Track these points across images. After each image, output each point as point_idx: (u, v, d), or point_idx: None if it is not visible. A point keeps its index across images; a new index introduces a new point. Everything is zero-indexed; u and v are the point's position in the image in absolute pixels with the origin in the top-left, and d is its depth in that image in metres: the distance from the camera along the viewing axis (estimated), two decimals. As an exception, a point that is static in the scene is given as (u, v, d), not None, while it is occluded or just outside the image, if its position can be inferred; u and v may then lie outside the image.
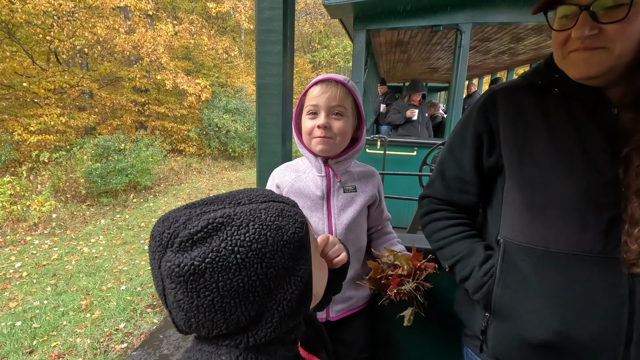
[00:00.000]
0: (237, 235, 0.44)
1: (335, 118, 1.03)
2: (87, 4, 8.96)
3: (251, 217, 0.46)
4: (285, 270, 0.47)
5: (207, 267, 0.42)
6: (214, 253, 0.42)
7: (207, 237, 0.43)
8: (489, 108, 0.85)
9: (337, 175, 1.08)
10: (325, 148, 1.03)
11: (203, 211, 0.47)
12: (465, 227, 0.92)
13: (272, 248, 0.46)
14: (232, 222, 0.45)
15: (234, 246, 0.43)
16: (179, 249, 0.43)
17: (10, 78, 8.05)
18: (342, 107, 1.03)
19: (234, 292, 0.43)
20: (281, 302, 0.47)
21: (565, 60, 0.74)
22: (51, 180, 6.87)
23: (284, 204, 0.52)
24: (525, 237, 0.76)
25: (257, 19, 1.07)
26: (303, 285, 0.49)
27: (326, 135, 1.01)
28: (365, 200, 1.10)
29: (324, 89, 1.02)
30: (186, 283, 0.42)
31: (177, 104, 11.32)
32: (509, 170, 0.80)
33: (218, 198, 0.51)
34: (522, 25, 3.74)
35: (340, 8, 3.20)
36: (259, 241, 0.45)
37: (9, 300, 3.84)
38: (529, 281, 0.76)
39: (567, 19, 0.71)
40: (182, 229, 0.44)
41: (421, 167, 2.58)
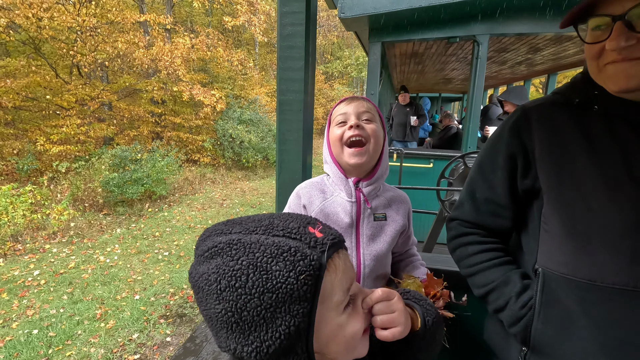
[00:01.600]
0: (225, 266, 0.44)
1: (366, 122, 0.99)
2: (109, 20, 9.32)
3: (247, 251, 0.45)
4: (261, 318, 0.43)
5: (200, 285, 0.46)
6: (206, 275, 0.45)
7: (210, 258, 0.46)
8: (523, 127, 0.79)
9: (368, 201, 1.00)
10: (360, 159, 0.96)
11: (222, 231, 0.49)
12: (498, 253, 0.86)
13: (249, 291, 0.43)
14: (230, 251, 0.45)
15: (218, 275, 0.44)
16: (196, 260, 0.48)
17: (35, 91, 8.37)
18: (371, 113, 1.00)
19: (215, 318, 0.45)
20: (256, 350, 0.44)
21: (601, 73, 0.69)
22: (70, 189, 7.04)
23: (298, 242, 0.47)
24: (568, 268, 0.69)
25: (279, 35, 1.06)
26: (285, 342, 0.44)
27: (360, 134, 0.95)
28: (395, 231, 1.03)
29: (350, 101, 1.02)
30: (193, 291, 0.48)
31: (192, 115, 11.54)
32: (546, 195, 0.74)
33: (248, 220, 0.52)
34: (540, 36, 3.68)
35: (355, 21, 3.21)
36: (239, 279, 0.43)
37: (27, 308, 3.91)
38: (573, 317, 0.69)
39: (601, 30, 0.66)
40: (201, 244, 0.49)
41: (439, 180, 2.53)
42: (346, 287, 0.52)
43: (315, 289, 0.45)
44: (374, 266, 1.00)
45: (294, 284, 0.44)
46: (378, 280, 1.04)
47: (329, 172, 1.04)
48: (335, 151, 1.01)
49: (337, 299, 0.50)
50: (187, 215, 7.43)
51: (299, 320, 0.44)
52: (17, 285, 4.37)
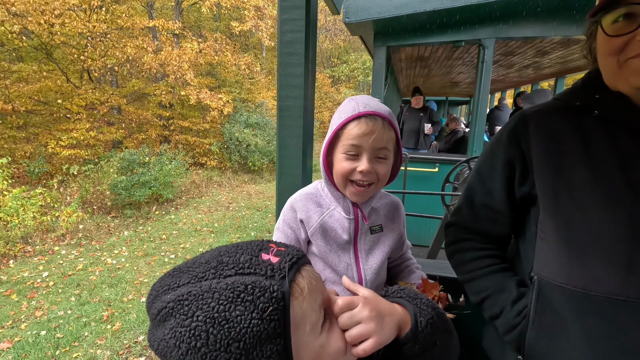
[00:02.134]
0: (180, 327, 0.41)
1: (379, 161, 0.88)
2: (119, 26, 9.48)
3: (199, 304, 0.41)
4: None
5: (162, 352, 0.42)
6: (164, 342, 0.41)
7: (164, 321, 0.42)
8: (520, 133, 0.78)
9: (366, 218, 0.97)
10: (362, 199, 0.92)
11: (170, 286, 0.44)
12: (495, 260, 0.85)
13: (214, 347, 0.39)
14: (181, 308, 0.42)
15: (176, 340, 0.41)
16: (152, 323, 0.44)
17: (47, 95, 8.54)
18: (387, 149, 0.88)
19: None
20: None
21: (622, 69, 0.65)
22: (79, 192, 7.15)
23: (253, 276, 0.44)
24: (562, 276, 0.68)
25: (279, 41, 1.07)
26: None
27: (368, 180, 0.88)
28: (392, 241, 1.01)
29: (369, 128, 0.84)
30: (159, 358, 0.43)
31: (200, 119, 11.65)
32: (543, 202, 0.73)
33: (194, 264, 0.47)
34: (547, 39, 3.65)
35: (360, 25, 3.22)
36: (199, 338, 0.40)
37: (36, 309, 3.96)
38: (567, 326, 0.68)
39: (626, 20, 0.62)
40: (151, 307, 0.44)
41: (444, 185, 2.51)
42: (318, 305, 0.48)
43: (284, 321, 0.42)
44: (374, 281, 0.99)
45: (259, 325, 0.41)
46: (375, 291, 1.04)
47: (326, 186, 0.99)
48: (337, 180, 0.93)
49: (310, 322, 0.46)
50: (194, 218, 7.48)
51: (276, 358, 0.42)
52: (27, 286, 4.44)
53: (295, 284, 0.46)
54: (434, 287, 0.94)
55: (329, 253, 0.97)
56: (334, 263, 0.97)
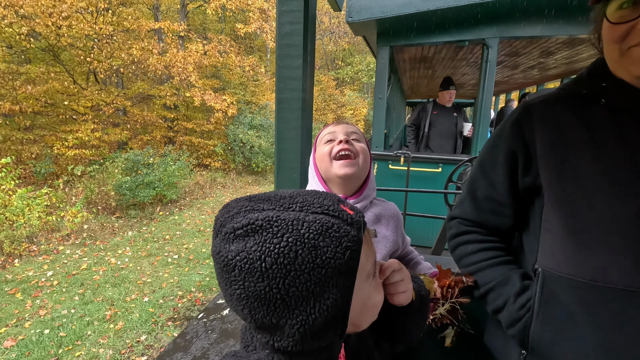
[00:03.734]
0: (269, 243, 0.43)
1: (354, 141, 0.99)
2: (125, 28, 9.57)
3: (290, 228, 0.44)
4: (309, 293, 0.44)
5: (237, 264, 0.43)
6: (245, 253, 0.43)
7: (246, 236, 0.44)
8: (524, 122, 0.76)
9: None
10: (350, 170, 0.94)
11: (253, 208, 0.47)
12: (498, 252, 0.84)
13: (299, 267, 0.43)
14: (270, 227, 0.44)
15: (262, 253, 0.43)
16: (223, 238, 0.45)
17: (53, 97, 8.63)
18: (358, 134, 1.01)
19: (257, 295, 0.44)
20: (301, 323, 0.45)
21: (624, 57, 0.63)
22: (84, 192, 7.20)
23: (337, 219, 0.47)
24: (568, 267, 0.66)
25: (277, 33, 1.06)
26: (330, 314, 0.45)
27: (349, 148, 0.95)
28: (387, 250, 1.00)
29: (337, 122, 1.03)
30: (222, 271, 0.45)
31: (204, 120, 11.71)
32: (547, 192, 0.71)
33: (276, 196, 0.50)
34: (552, 39, 3.62)
35: (363, 25, 3.21)
36: (287, 256, 0.43)
37: (40, 308, 3.99)
38: (574, 318, 0.66)
39: (630, 9, 0.61)
40: (229, 221, 0.46)
41: (447, 184, 2.49)
42: (373, 260, 0.56)
43: (357, 262, 0.48)
44: None
45: (341, 259, 0.45)
46: None
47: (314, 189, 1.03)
48: (323, 167, 0.98)
49: (367, 271, 0.53)
50: (197, 219, 7.50)
51: (343, 292, 0.46)
52: (31, 285, 4.47)
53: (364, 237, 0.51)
54: (447, 273, 0.93)
55: None
56: None
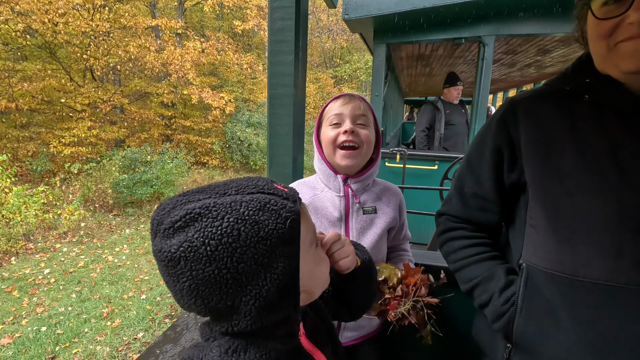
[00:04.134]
0: (210, 227, 0.44)
1: (360, 127, 0.99)
2: (122, 25, 9.53)
3: (228, 210, 0.46)
4: (259, 266, 0.46)
5: (181, 255, 0.44)
6: (188, 243, 0.44)
7: (185, 227, 0.45)
8: (509, 119, 0.77)
9: (357, 196, 1.01)
10: (351, 162, 0.98)
11: (189, 200, 0.48)
12: (485, 248, 0.85)
13: (244, 243, 0.45)
14: (209, 213, 0.45)
15: (204, 238, 0.44)
16: (163, 235, 0.46)
17: (50, 94, 8.59)
18: (366, 116, 1.00)
19: (207, 281, 0.44)
20: (256, 297, 0.46)
21: (611, 53, 0.63)
22: (81, 190, 7.18)
23: (273, 196, 0.50)
24: (551, 262, 0.67)
25: (269, 29, 1.07)
26: (282, 283, 0.48)
27: (354, 140, 0.96)
28: (385, 223, 1.03)
29: (347, 100, 1.00)
30: (167, 268, 0.45)
31: (202, 118, 11.68)
32: (532, 188, 0.72)
33: (209, 187, 0.52)
34: (548, 37, 3.63)
35: (360, 22, 3.21)
36: (230, 235, 0.44)
37: (37, 305, 3.98)
38: (556, 313, 0.67)
39: (616, 4, 0.60)
40: (166, 217, 0.46)
41: (442, 181, 2.50)
42: (313, 230, 0.59)
43: (298, 231, 0.50)
44: None
45: (283, 228, 0.48)
46: None
47: (318, 169, 1.05)
48: (327, 152, 1.01)
49: (309, 240, 0.56)
50: (195, 217, 7.49)
51: (290, 260, 0.49)
52: (28, 283, 4.46)
53: (301, 208, 0.54)
54: (416, 271, 0.94)
55: (319, 228, 1.00)
56: None
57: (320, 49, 23.63)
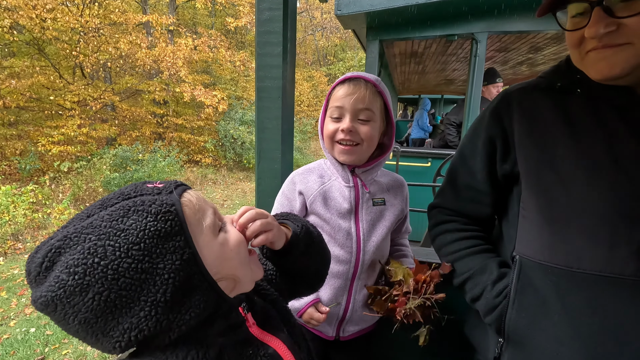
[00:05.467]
0: (72, 257, 0.40)
1: (362, 122, 0.92)
2: (112, 21, 9.39)
3: (88, 231, 0.42)
4: (141, 273, 0.42)
5: (54, 297, 0.39)
6: (54, 281, 0.39)
7: (52, 267, 0.41)
8: (503, 110, 0.77)
9: (367, 186, 0.98)
10: (349, 158, 0.94)
11: (51, 237, 0.43)
12: (477, 241, 0.84)
13: (114, 256, 0.41)
14: (70, 242, 0.41)
15: (69, 268, 0.39)
16: (35, 284, 0.41)
17: (39, 91, 8.44)
18: (370, 110, 0.92)
19: (94, 312, 0.40)
20: (154, 305, 0.42)
21: (583, 61, 0.66)
22: (72, 189, 7.07)
23: (139, 196, 0.46)
24: (544, 254, 0.67)
25: (256, 20, 1.04)
26: (179, 279, 0.44)
27: (351, 139, 0.92)
28: (395, 216, 1.01)
29: (351, 89, 0.91)
30: (51, 315, 0.41)
31: (194, 116, 11.58)
32: (525, 179, 0.72)
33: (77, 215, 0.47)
34: (540, 34, 3.64)
35: (352, 18, 3.19)
36: (95, 254, 0.40)
37: (25, 306, 3.91)
38: (548, 305, 0.67)
39: (581, 17, 0.63)
40: (31, 264, 0.42)
41: (435, 178, 2.50)
42: (211, 212, 0.53)
43: (179, 220, 0.46)
44: (374, 254, 0.98)
45: (155, 225, 0.43)
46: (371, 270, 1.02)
47: (326, 155, 1.02)
48: (326, 143, 0.98)
49: (208, 223, 0.51)
50: (188, 216, 7.43)
51: (180, 253, 0.44)
52: (17, 284, 4.38)
53: (183, 197, 0.49)
54: (425, 268, 0.93)
55: (331, 221, 0.96)
56: (334, 231, 0.96)
57: (314, 47, 23.56)
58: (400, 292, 0.89)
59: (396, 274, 0.92)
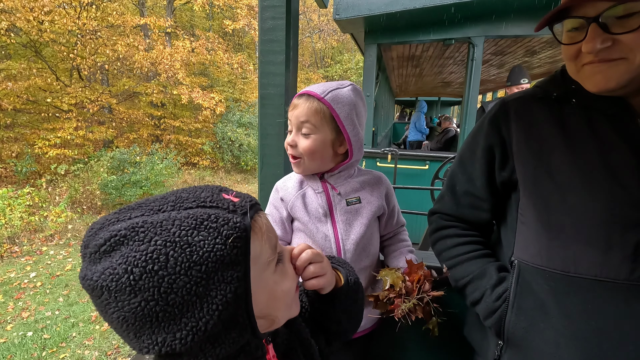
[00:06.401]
0: (134, 252, 0.39)
1: (304, 135, 0.95)
2: (110, 23, 9.38)
3: (157, 231, 0.40)
4: (192, 296, 0.39)
5: (103, 284, 0.38)
6: (110, 270, 0.38)
7: (111, 252, 0.40)
8: (501, 119, 0.79)
9: (336, 188, 1.02)
10: (297, 170, 1.01)
11: (118, 219, 0.42)
12: (477, 246, 0.86)
13: (173, 270, 0.39)
14: (136, 235, 0.40)
15: (128, 265, 0.38)
16: (89, 260, 0.40)
17: (35, 94, 8.40)
18: (310, 123, 0.93)
19: (133, 315, 0.39)
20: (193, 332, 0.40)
21: (579, 73, 0.69)
22: (69, 192, 7.04)
23: (215, 209, 0.44)
24: (542, 259, 0.69)
25: (259, 28, 1.06)
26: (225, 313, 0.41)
27: (294, 154, 0.98)
28: (372, 212, 1.03)
29: (294, 104, 0.97)
30: (92, 296, 0.40)
31: (192, 118, 11.57)
32: (523, 186, 0.74)
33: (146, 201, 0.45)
34: (536, 38, 3.69)
35: (351, 22, 3.22)
36: (156, 261, 0.38)
37: (22, 310, 3.89)
38: (546, 308, 0.69)
39: (577, 31, 0.66)
40: (92, 239, 0.41)
41: (433, 180, 2.52)
42: (273, 244, 0.51)
43: (246, 249, 0.43)
44: (357, 253, 1.00)
45: (222, 249, 0.41)
46: (362, 273, 1.03)
47: None
48: None
49: (266, 258, 0.48)
50: (185, 218, 7.41)
51: (235, 286, 0.42)
52: (13, 287, 4.35)
53: (254, 222, 0.47)
54: (419, 267, 0.95)
55: (309, 224, 1.01)
56: (312, 234, 1.01)
57: (311, 49, 23.62)
58: (395, 295, 0.91)
59: (385, 282, 0.95)
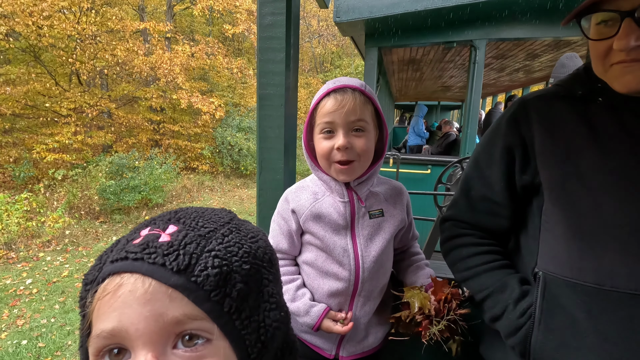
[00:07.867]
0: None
1: (356, 135, 0.86)
2: (109, 28, 9.38)
3: None
4: None
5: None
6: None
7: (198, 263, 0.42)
8: (521, 118, 0.73)
9: (362, 200, 0.92)
10: (349, 177, 0.89)
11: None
12: (495, 256, 0.79)
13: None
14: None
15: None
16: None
17: (34, 98, 8.37)
18: (363, 120, 0.85)
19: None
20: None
21: (608, 73, 0.63)
22: (67, 197, 6.99)
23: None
24: (572, 271, 0.62)
25: (258, 25, 1.01)
26: None
27: (348, 157, 0.86)
28: (394, 227, 0.95)
29: (339, 101, 0.84)
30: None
31: (191, 123, 11.54)
32: (548, 191, 0.68)
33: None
34: (538, 42, 3.66)
35: (351, 25, 3.19)
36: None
37: (17, 317, 3.82)
38: (579, 326, 0.62)
39: (607, 26, 0.60)
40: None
41: (436, 185, 2.47)
42: None
43: None
44: (374, 271, 0.93)
45: None
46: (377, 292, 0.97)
47: (315, 174, 0.96)
48: (321, 163, 0.92)
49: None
50: (184, 223, 7.35)
51: None
52: (9, 294, 4.29)
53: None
54: (444, 285, 0.88)
55: (325, 239, 0.91)
56: (329, 248, 0.91)
57: (311, 54, 23.70)
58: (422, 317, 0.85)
59: (413, 304, 0.87)
